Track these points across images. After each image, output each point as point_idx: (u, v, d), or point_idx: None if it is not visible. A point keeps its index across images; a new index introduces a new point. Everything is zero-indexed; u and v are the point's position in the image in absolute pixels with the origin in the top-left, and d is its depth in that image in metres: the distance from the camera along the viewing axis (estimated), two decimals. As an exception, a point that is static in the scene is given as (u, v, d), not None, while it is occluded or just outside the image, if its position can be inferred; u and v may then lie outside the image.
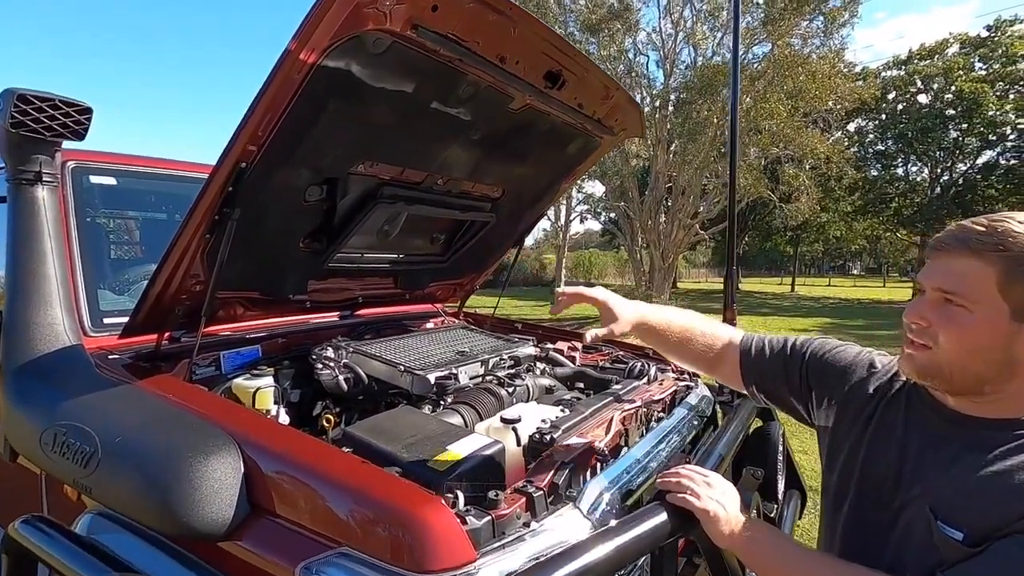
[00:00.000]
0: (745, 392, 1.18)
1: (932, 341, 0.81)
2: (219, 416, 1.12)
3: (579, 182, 17.74)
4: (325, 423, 1.58)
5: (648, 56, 14.69)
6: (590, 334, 1.17)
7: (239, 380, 1.50)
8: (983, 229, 0.77)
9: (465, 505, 0.97)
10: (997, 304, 0.76)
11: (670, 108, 13.84)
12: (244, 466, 1.01)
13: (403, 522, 0.85)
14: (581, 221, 22.77)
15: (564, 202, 18.86)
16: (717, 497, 0.93)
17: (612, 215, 18.11)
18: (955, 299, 0.78)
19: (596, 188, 19.07)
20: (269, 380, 1.52)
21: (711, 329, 1.21)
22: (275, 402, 1.52)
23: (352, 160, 1.51)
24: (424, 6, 1.12)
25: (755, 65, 12.78)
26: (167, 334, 1.57)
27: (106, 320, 1.63)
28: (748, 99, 12.39)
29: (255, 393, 1.45)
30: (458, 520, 0.89)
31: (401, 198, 1.75)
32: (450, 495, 0.98)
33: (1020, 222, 0.76)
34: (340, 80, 1.19)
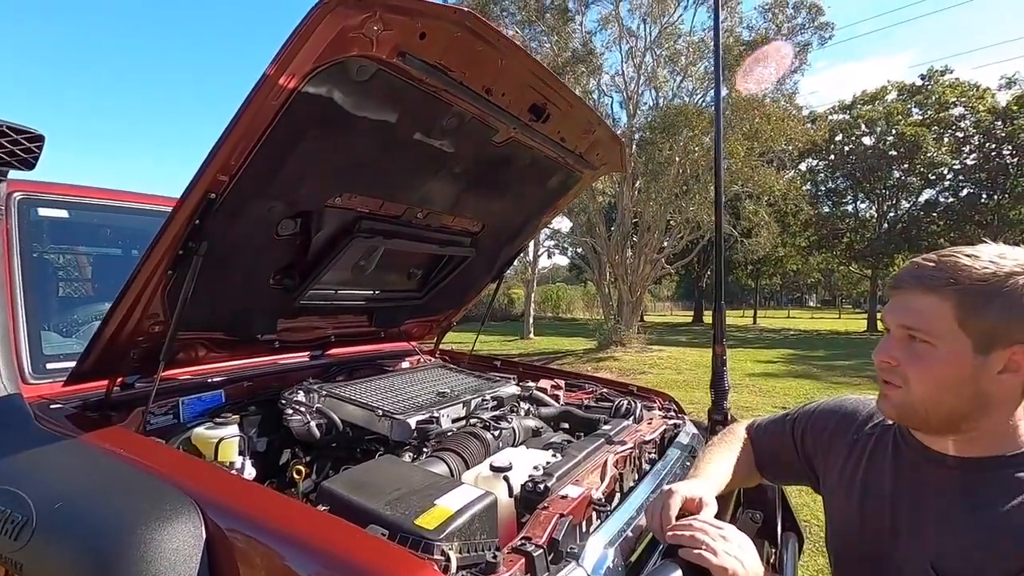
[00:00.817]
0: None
1: (902, 380, 0.82)
2: (177, 473, 1.00)
3: (547, 218, 17.94)
4: (295, 475, 1.45)
5: (612, 97, 15.23)
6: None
7: (200, 429, 1.37)
8: (933, 265, 0.79)
9: (458, 569, 0.87)
10: (959, 338, 0.76)
11: (634, 147, 14.26)
12: (206, 532, 0.89)
13: (393, 594, 0.75)
14: (549, 256, 22.98)
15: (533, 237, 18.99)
16: (735, 552, 0.87)
17: (579, 250, 18.31)
18: (918, 335, 0.79)
19: (563, 224, 19.31)
20: (234, 429, 1.39)
21: (740, 445, 1.19)
22: (240, 453, 1.39)
23: (330, 192, 1.44)
24: (411, 33, 1.08)
25: (712, 108, 13.35)
26: (120, 380, 1.43)
27: (50, 365, 1.48)
28: (708, 139, 12.89)
29: (218, 444, 1.32)
30: (454, 589, 0.79)
31: (379, 232, 1.67)
32: (441, 558, 0.88)
33: (968, 255, 0.78)
34: (321, 108, 1.13)
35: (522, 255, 19.80)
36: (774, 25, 13.19)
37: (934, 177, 23.03)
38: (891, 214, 24.52)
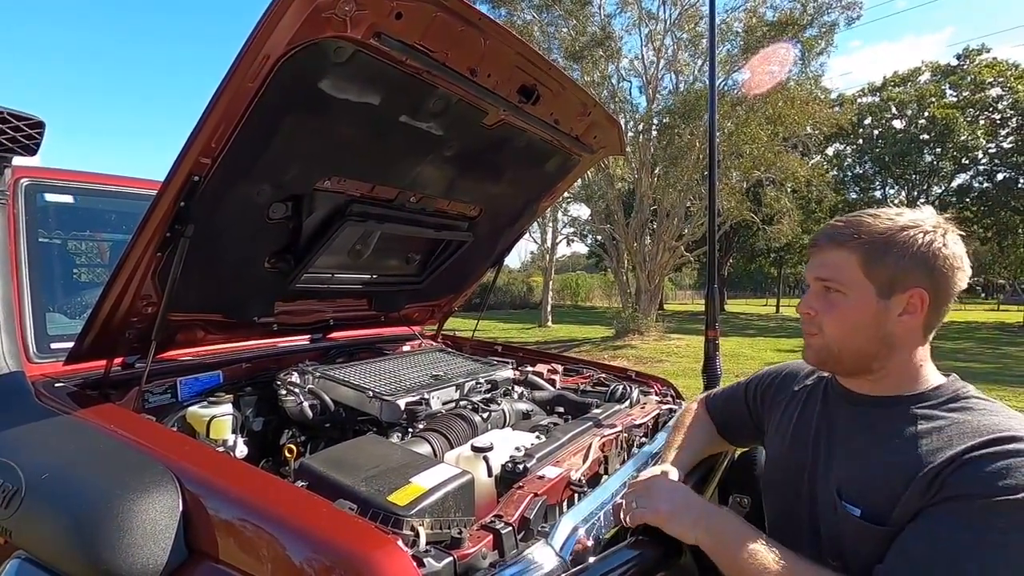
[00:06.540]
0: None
1: (819, 328, 0.94)
2: (160, 448, 1.03)
3: (565, 205, 17.85)
4: (287, 453, 1.49)
5: (631, 82, 14.95)
6: None
7: (193, 408, 1.41)
8: (843, 224, 0.92)
9: (427, 544, 0.89)
10: (865, 285, 0.88)
11: (653, 132, 14.02)
12: (184, 504, 0.91)
13: (354, 567, 0.77)
14: (568, 244, 22.85)
15: (550, 225, 18.92)
16: (661, 498, 0.97)
17: (598, 238, 18.18)
18: (832, 285, 0.91)
19: (582, 211, 19.15)
20: (227, 408, 1.42)
21: (698, 423, 1.34)
22: (233, 431, 1.43)
23: (318, 175, 1.45)
24: (386, 13, 1.08)
25: (735, 92, 13.03)
26: (119, 360, 1.48)
27: (55, 345, 1.53)
28: (730, 124, 12.60)
29: (209, 422, 1.36)
30: (415, 563, 0.80)
31: (372, 216, 1.69)
32: (411, 533, 0.89)
33: (870, 214, 0.91)
34: (300, 90, 1.14)
35: (540, 243, 19.62)
36: (799, 4, 12.76)
37: (968, 161, 22.26)
38: (921, 200, 23.78)
